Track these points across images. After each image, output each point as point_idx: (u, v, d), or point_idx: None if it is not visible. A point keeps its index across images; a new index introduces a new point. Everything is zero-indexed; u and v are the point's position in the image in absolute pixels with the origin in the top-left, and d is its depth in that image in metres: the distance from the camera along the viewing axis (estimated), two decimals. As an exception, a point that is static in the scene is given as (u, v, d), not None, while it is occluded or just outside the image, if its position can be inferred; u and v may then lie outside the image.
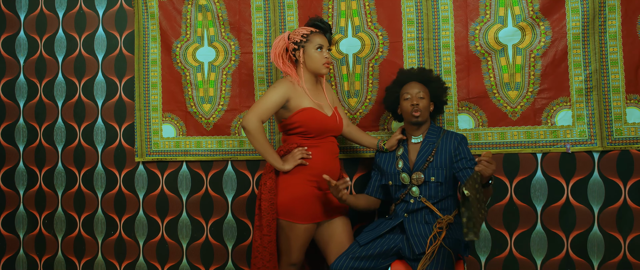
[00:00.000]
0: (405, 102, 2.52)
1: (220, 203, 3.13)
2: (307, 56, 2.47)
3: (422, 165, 2.47)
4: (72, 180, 3.31)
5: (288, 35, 2.52)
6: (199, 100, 3.09)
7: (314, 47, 2.45)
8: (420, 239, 2.38)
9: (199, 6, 3.06)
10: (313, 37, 2.47)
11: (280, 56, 2.51)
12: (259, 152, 2.42)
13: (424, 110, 2.49)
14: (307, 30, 2.48)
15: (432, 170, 2.46)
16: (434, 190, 2.46)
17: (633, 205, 2.73)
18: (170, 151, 3.14)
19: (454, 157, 2.47)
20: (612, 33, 2.70)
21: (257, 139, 2.38)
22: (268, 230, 2.41)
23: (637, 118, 2.69)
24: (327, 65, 2.48)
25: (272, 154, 2.42)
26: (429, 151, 2.49)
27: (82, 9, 3.28)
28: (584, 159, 2.76)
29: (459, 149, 2.47)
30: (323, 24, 2.50)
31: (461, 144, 2.49)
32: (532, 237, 2.81)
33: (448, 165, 2.47)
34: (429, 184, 2.46)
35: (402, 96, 2.55)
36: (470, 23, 2.81)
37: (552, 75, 2.75)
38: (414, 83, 2.55)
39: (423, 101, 2.50)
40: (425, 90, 2.54)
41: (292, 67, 2.51)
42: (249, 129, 2.36)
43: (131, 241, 3.25)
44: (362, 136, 2.72)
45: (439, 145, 2.50)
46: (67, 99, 3.31)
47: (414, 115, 2.48)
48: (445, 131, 2.56)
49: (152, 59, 3.14)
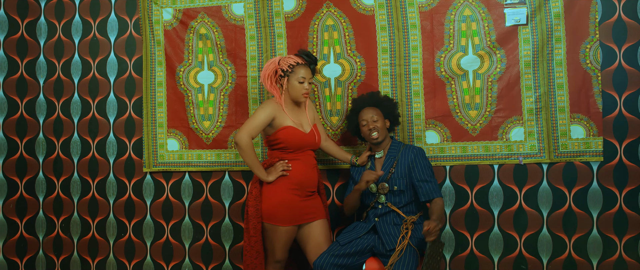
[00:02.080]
0: (363, 128, 2.77)
1: (219, 208, 3.29)
2: (290, 85, 2.68)
3: (386, 177, 2.74)
4: (87, 188, 3.45)
5: (279, 60, 2.68)
6: (199, 117, 3.27)
7: (297, 79, 2.66)
8: (391, 238, 2.64)
9: (199, 35, 3.26)
10: (298, 69, 2.66)
11: (269, 78, 2.69)
12: (248, 165, 2.62)
13: (381, 130, 2.73)
14: (295, 61, 2.66)
15: (394, 180, 2.72)
16: (398, 197, 2.72)
17: (577, 209, 2.91)
18: (174, 163, 3.32)
19: (412, 168, 2.71)
20: (559, 60, 2.87)
21: (247, 154, 2.58)
22: (254, 232, 2.62)
23: (580, 134, 2.87)
24: (306, 95, 2.69)
25: (259, 167, 2.63)
26: (390, 164, 2.75)
27: (95, 36, 3.43)
28: (535, 170, 2.94)
29: (415, 161, 2.73)
30: (309, 58, 2.69)
31: (417, 156, 2.73)
32: (490, 237, 3.00)
33: (407, 175, 2.72)
34: (393, 192, 2.73)
35: (360, 122, 2.79)
36: (436, 51, 2.99)
37: (507, 97, 2.92)
38: (366, 109, 2.78)
39: (378, 123, 2.73)
40: (378, 112, 2.76)
41: (277, 89, 2.70)
42: (241, 145, 2.56)
43: (139, 242, 3.40)
44: (338, 151, 2.93)
45: (399, 159, 2.75)
46: (82, 116, 3.46)
47: (373, 138, 2.74)
48: (405, 145, 2.80)
49: (158, 81, 3.33)
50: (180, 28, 3.31)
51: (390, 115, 2.83)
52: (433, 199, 2.69)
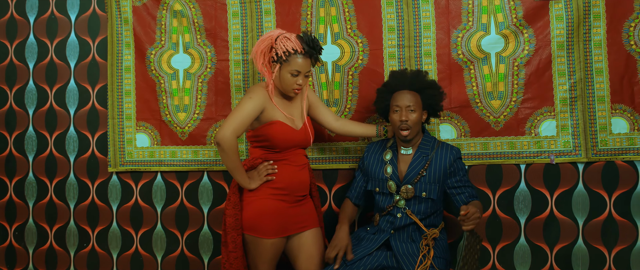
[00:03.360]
0: (394, 115, 2.39)
1: (196, 215, 3.06)
2: (281, 75, 2.34)
3: (413, 179, 2.37)
4: (44, 190, 3.23)
5: (277, 36, 2.34)
6: (173, 108, 3.02)
7: (289, 71, 2.31)
8: (409, 258, 2.30)
9: (174, 12, 2.98)
10: (294, 58, 2.31)
11: (263, 54, 2.37)
12: (229, 169, 2.31)
13: (414, 125, 2.36)
14: (293, 48, 2.30)
15: (423, 185, 2.36)
16: (424, 206, 2.37)
17: (618, 217, 2.69)
18: (144, 161, 3.07)
19: (450, 174, 2.38)
20: (597, 41, 2.66)
21: (230, 157, 2.25)
22: (234, 247, 2.33)
23: (623, 128, 2.66)
24: (297, 91, 2.37)
25: (242, 173, 2.32)
26: (421, 164, 2.39)
27: (53, 14, 3.20)
28: (569, 170, 2.72)
29: (454, 165, 2.38)
30: (311, 47, 2.32)
31: (457, 159, 2.40)
32: (516, 250, 2.77)
33: (441, 180, 2.37)
34: (418, 198, 2.37)
35: (391, 106, 2.41)
36: (452, 30, 2.76)
37: (535, 84, 2.71)
38: (404, 93, 2.39)
39: (413, 115, 2.35)
40: (417, 101, 2.38)
41: (269, 71, 2.39)
42: (224, 146, 2.22)
43: (104, 254, 3.17)
44: (357, 127, 2.65)
45: (433, 159, 2.39)
46: (38, 106, 3.23)
47: (402, 134, 2.36)
48: (439, 143, 2.46)
49: (125, 66, 3.06)
50: (151, 4, 3.03)
51: (430, 107, 2.45)
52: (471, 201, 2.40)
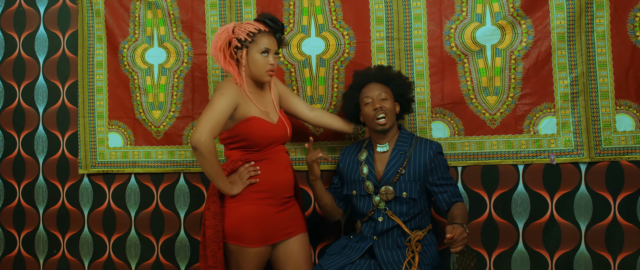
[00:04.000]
0: (366, 108, 2.31)
1: (172, 219, 2.96)
2: (250, 59, 2.21)
3: (392, 178, 2.26)
4: (11, 194, 3.12)
5: (233, 27, 2.25)
6: (148, 106, 2.89)
7: (258, 50, 2.20)
8: (394, 266, 2.19)
9: (148, 3, 2.86)
10: (260, 37, 2.21)
11: (222, 51, 2.24)
12: (208, 175, 2.14)
13: (390, 113, 2.28)
14: (255, 28, 2.21)
15: (403, 185, 2.25)
16: (406, 207, 2.25)
17: (623, 221, 2.59)
18: (117, 162, 2.94)
19: (430, 171, 2.28)
20: (600, 32, 2.57)
21: (209, 161, 2.08)
22: (214, 261, 2.18)
23: (628, 126, 2.56)
24: (270, 73, 2.24)
25: (223, 179, 2.15)
26: (399, 162, 2.28)
27: (21, 6, 3.09)
28: (570, 171, 2.64)
29: (435, 160, 2.28)
30: (274, 23, 2.25)
31: (438, 154, 2.30)
32: (514, 257, 2.67)
33: (421, 178, 2.26)
34: (399, 199, 2.25)
35: (361, 101, 2.34)
36: (444, 21, 2.66)
37: (534, 79, 2.61)
38: (373, 84, 2.35)
39: (386, 103, 2.29)
40: (387, 91, 2.34)
41: (234, 66, 2.25)
42: (202, 150, 2.05)
43: (76, 261, 3.06)
44: (333, 120, 2.56)
45: (412, 155, 2.28)
46: (5, 104, 3.12)
47: (379, 123, 2.26)
48: (417, 138, 2.37)
49: (97, 61, 2.95)
50: (124, -6, 2.94)
51: (401, 98, 2.40)
52: (454, 203, 2.29)
